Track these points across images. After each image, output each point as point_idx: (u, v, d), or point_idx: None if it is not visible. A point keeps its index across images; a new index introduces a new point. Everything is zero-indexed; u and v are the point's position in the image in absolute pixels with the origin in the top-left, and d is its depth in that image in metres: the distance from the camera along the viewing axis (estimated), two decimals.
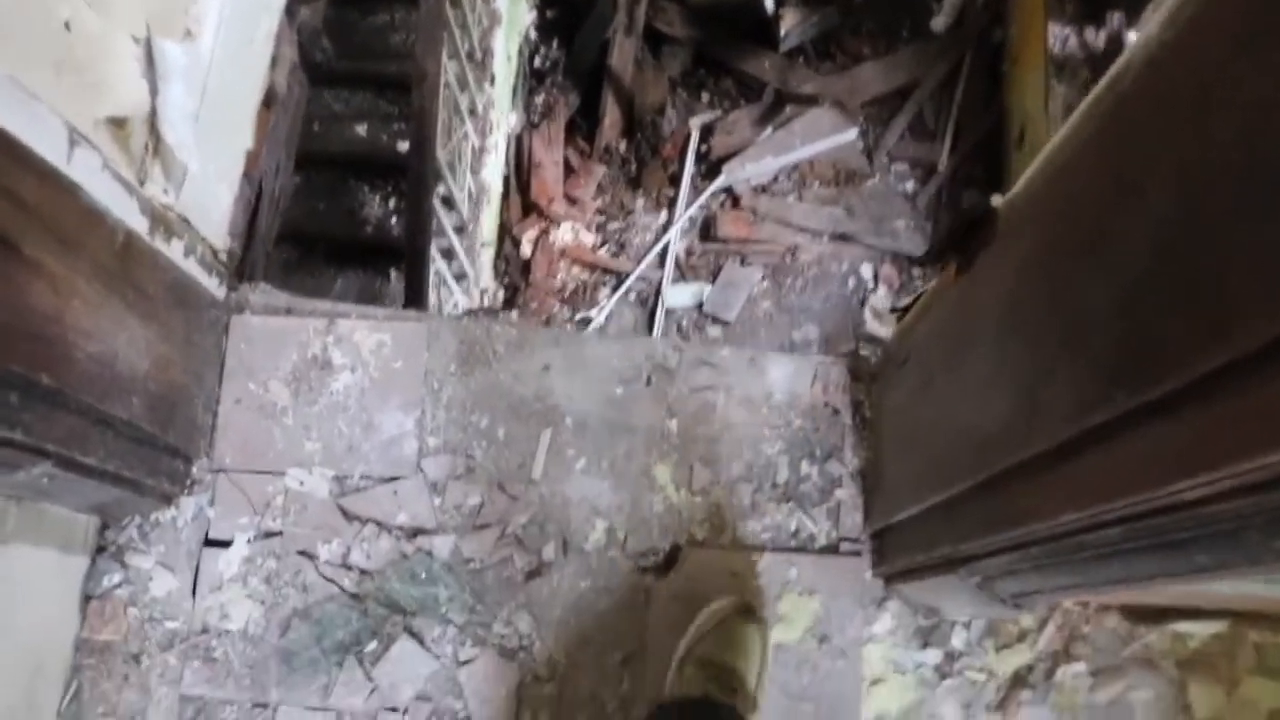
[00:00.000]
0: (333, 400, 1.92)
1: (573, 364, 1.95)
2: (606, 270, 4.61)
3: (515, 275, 4.54)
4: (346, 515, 1.87)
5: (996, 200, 1.43)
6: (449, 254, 3.71)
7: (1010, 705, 1.82)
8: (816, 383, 1.97)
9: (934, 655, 1.85)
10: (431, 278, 3.32)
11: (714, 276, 4.58)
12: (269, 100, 2.23)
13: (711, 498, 1.90)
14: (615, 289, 4.55)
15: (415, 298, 3.08)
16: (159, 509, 1.86)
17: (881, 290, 4.54)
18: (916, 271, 4.59)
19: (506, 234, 4.55)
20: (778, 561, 1.87)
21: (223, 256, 1.98)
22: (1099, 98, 1.12)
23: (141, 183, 1.74)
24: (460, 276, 3.91)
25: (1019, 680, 1.84)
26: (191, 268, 1.83)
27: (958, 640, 1.85)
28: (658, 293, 4.53)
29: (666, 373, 1.96)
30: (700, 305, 4.53)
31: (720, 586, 1.84)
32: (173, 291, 1.77)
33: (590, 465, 1.91)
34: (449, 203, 3.68)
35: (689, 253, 4.61)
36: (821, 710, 1.82)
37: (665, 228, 4.63)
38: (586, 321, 4.45)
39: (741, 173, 4.63)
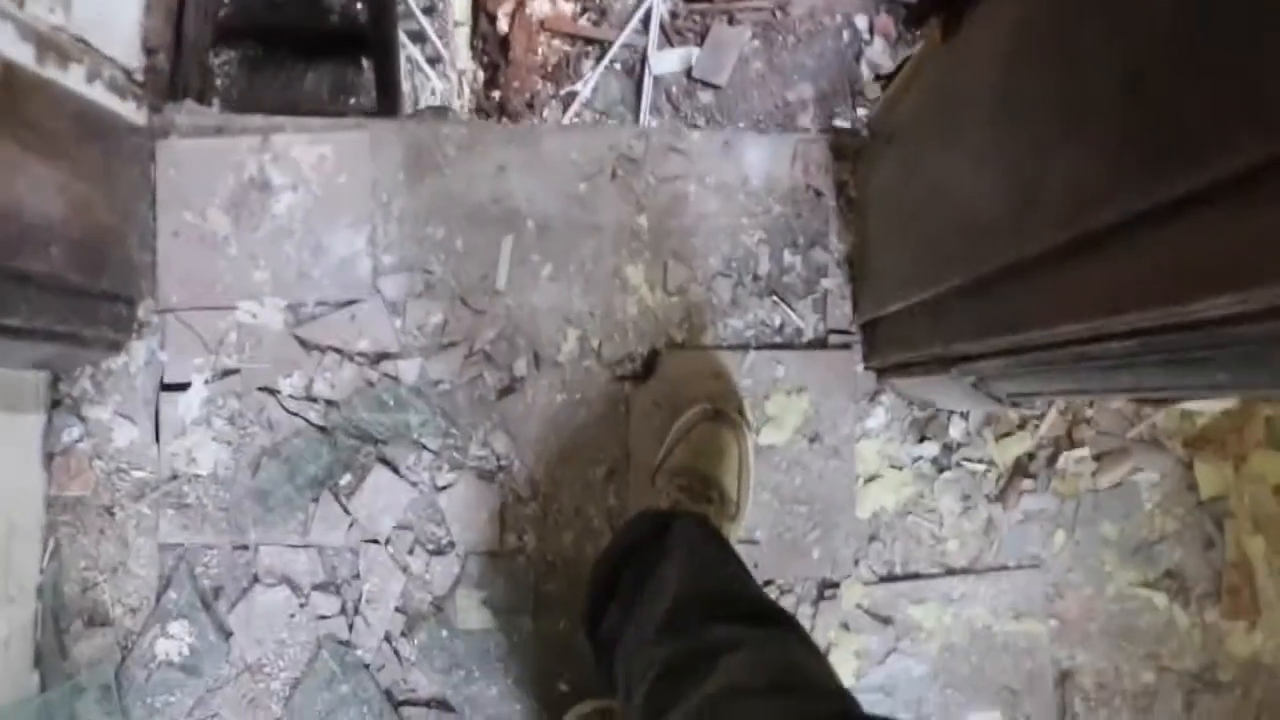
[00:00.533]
0: (276, 224, 1.76)
1: (530, 162, 1.77)
2: (589, 40, 4.31)
3: (494, 53, 4.26)
4: (305, 345, 1.75)
5: None
6: (420, 37, 3.46)
7: (1011, 494, 1.72)
8: (796, 163, 1.78)
9: (931, 448, 1.74)
10: (404, 65, 3.09)
11: (701, 39, 4.28)
12: None
13: (689, 296, 1.76)
14: (599, 59, 4.27)
15: (388, 88, 2.87)
16: (109, 357, 1.74)
17: (878, 43, 4.23)
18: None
19: (481, 10, 4.25)
20: (762, 359, 1.74)
21: (137, 76, 1.78)
22: None
23: (21, 4, 1.54)
24: (434, 60, 3.66)
25: (1020, 468, 1.73)
26: (98, 94, 1.64)
27: (955, 431, 1.73)
28: (644, 60, 4.25)
29: (632, 164, 1.77)
30: (689, 70, 4.25)
31: (702, 389, 1.72)
32: (79, 123, 1.59)
33: (557, 271, 1.76)
34: None
35: (673, 15, 4.29)
36: (815, 511, 1.73)
37: None
38: (572, 96, 4.20)
39: None
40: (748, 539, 1.71)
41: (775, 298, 1.76)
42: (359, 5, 3.69)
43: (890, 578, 1.74)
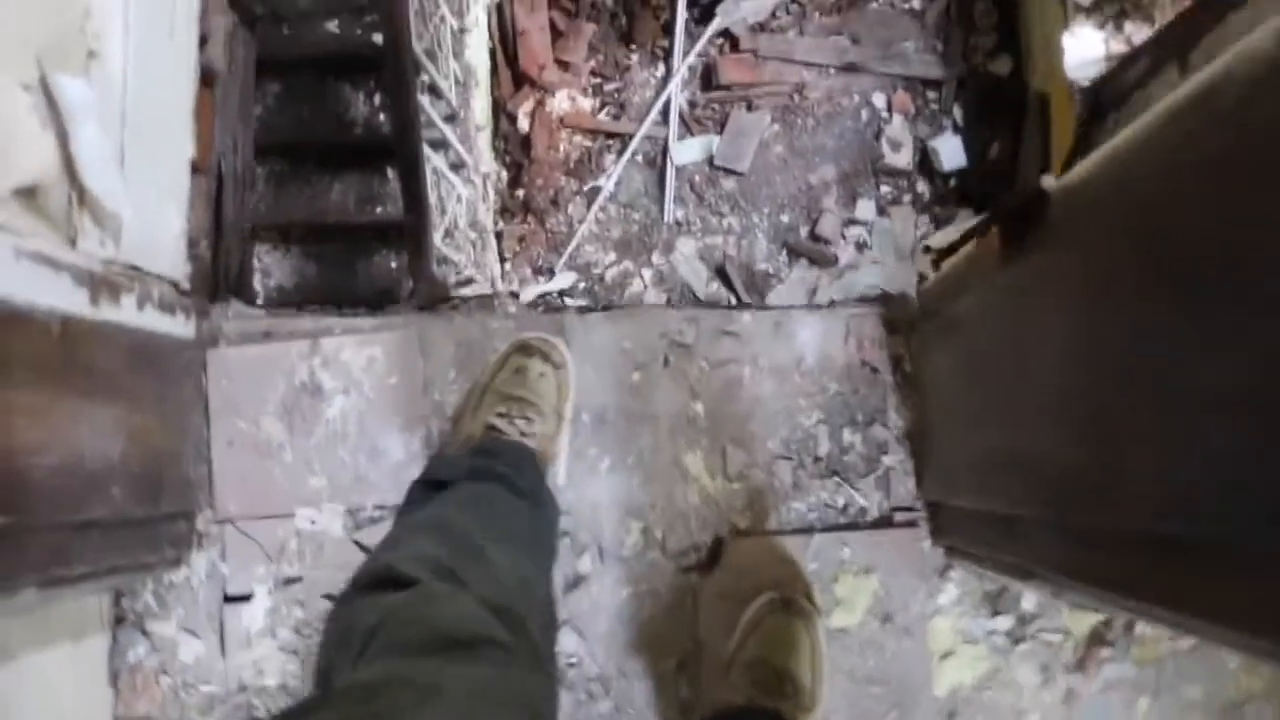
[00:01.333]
0: (330, 429, 1.73)
1: (581, 353, 1.73)
2: (609, 135, 4.27)
3: (516, 153, 4.24)
4: (365, 550, 1.71)
5: (1049, 183, 1.17)
6: (442, 145, 3.44)
7: (1090, 663, 1.67)
8: (850, 339, 1.74)
9: (1005, 621, 1.69)
10: (429, 175, 3.06)
11: (721, 127, 4.23)
12: (208, 80, 1.96)
13: (750, 482, 1.71)
14: (620, 153, 4.24)
15: (414, 196, 2.81)
16: (170, 571, 1.70)
17: (896, 120, 4.19)
18: (931, 95, 4.23)
19: (501, 111, 4.23)
20: (829, 542, 1.70)
21: (184, 286, 1.76)
22: (1185, 112, 0.86)
23: (73, 243, 1.51)
24: (458, 166, 3.64)
25: (1097, 637, 1.68)
26: (149, 319, 1.61)
27: (1029, 603, 1.68)
28: (665, 151, 4.21)
29: (684, 349, 1.74)
30: (710, 159, 4.21)
31: (769, 576, 1.68)
32: (133, 355, 1.56)
33: (616, 463, 1.72)
34: (435, 91, 3.38)
35: (692, 105, 4.26)
36: (891, 691, 1.68)
37: (664, 82, 4.26)
38: (595, 191, 4.18)
39: (737, 12, 4.21)
40: None
41: (837, 478, 1.71)
42: (382, 116, 3.68)
43: None
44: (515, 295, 4.14)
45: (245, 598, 1.71)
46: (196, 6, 1.84)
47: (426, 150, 2.97)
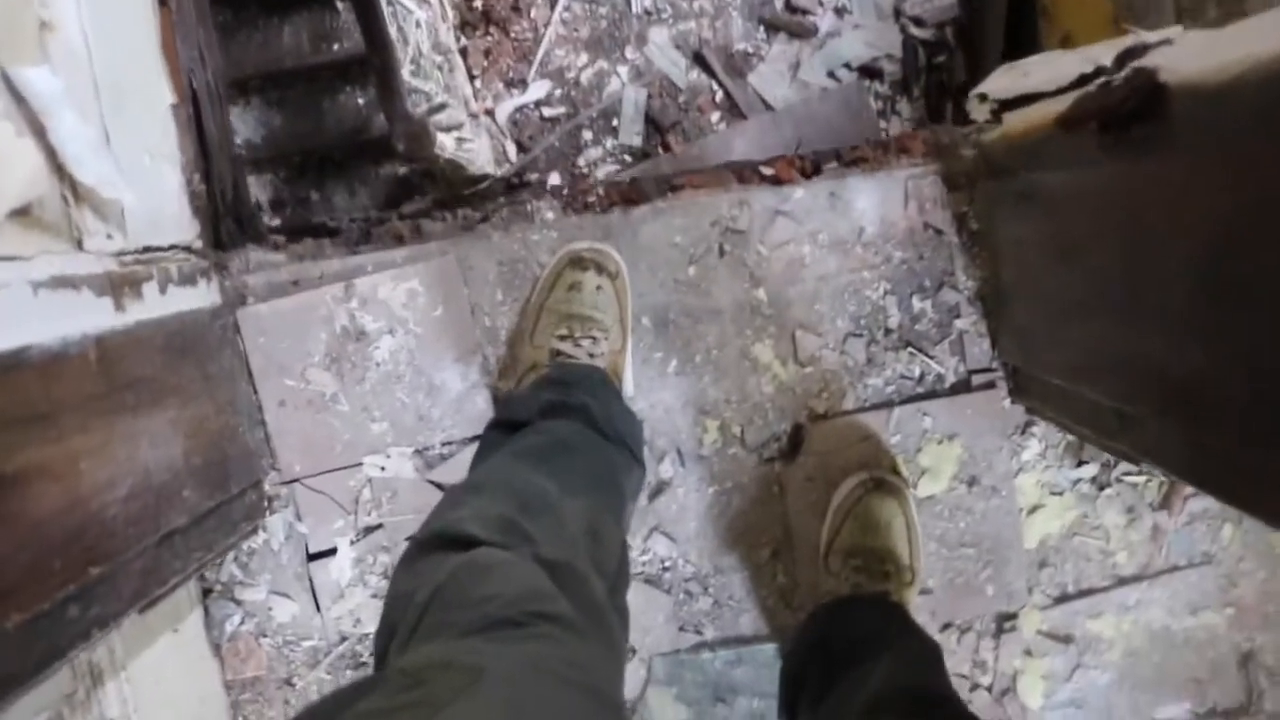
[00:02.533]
0: (382, 371, 1.62)
1: (631, 256, 1.61)
2: None
3: None
4: (441, 489, 1.64)
5: (1168, 76, 1.04)
6: None
7: (1175, 500, 1.67)
8: (910, 203, 1.62)
9: (1089, 469, 1.67)
10: (384, 7, 2.81)
11: None
12: None
13: (823, 364, 1.64)
14: None
15: (375, 41, 2.56)
16: (249, 540, 1.64)
17: None
18: None
19: None
20: (909, 414, 1.64)
21: (196, 245, 1.60)
22: None
23: (79, 244, 1.35)
24: None
25: None
26: (175, 301, 1.46)
27: None
28: None
29: (738, 235, 1.62)
30: None
31: (853, 455, 1.63)
32: (169, 348, 1.42)
33: (683, 364, 1.63)
34: None
35: None
36: (984, 551, 1.68)
37: None
38: None
39: None
40: (922, 589, 1.66)
41: (911, 349, 1.64)
42: None
43: (1065, 598, 1.71)
44: (490, 113, 3.91)
45: (329, 553, 1.65)
46: None
47: None
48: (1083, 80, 1.28)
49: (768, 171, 1.75)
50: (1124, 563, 1.69)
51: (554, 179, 3.87)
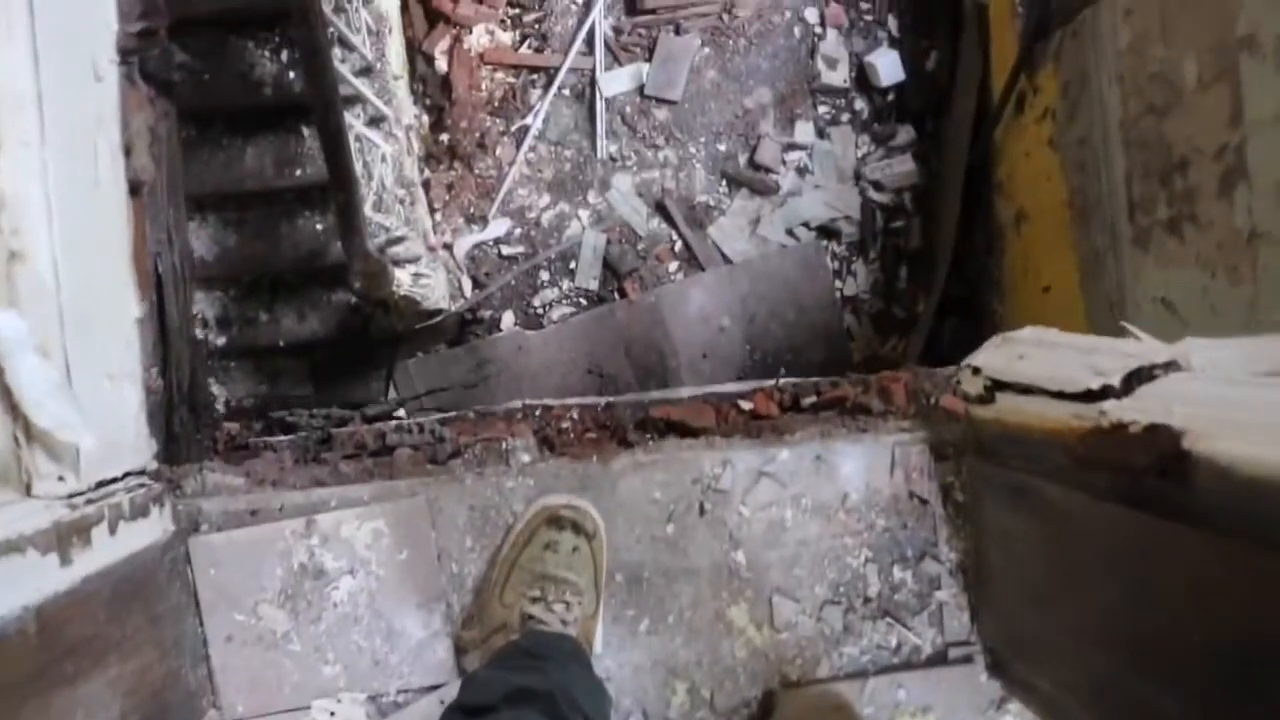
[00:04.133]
0: (340, 613, 1.52)
1: (608, 509, 1.53)
2: (533, 69, 3.92)
3: (436, 95, 3.87)
4: None
5: (1190, 439, 0.99)
6: (355, 100, 3.09)
7: None
8: (896, 470, 1.57)
9: None
10: (352, 144, 2.73)
11: (649, 53, 3.92)
12: (135, 188, 1.63)
13: (798, 630, 1.56)
14: (546, 88, 3.90)
15: (340, 179, 2.49)
16: None
17: (831, 35, 3.94)
18: (865, 5, 3.94)
19: (417, 53, 3.82)
20: (883, 685, 1.57)
21: (152, 468, 1.49)
22: None
23: (28, 489, 1.25)
24: (378, 120, 3.30)
25: None
26: (125, 542, 1.35)
27: None
28: (593, 83, 3.89)
29: (720, 495, 1.55)
30: (641, 88, 3.91)
31: None
32: (115, 597, 1.31)
33: (655, 623, 1.55)
34: (346, 45, 3.03)
35: (618, 31, 3.91)
36: None
37: (586, 8, 3.89)
38: (524, 130, 3.85)
39: None
40: None
41: (889, 618, 1.57)
42: (291, 75, 3.27)
43: None
44: (449, 248, 3.84)
45: None
46: (117, 137, 1.50)
47: (348, 119, 2.64)
48: (1089, 395, 1.24)
49: (745, 405, 1.69)
50: None
51: (508, 318, 3.81)
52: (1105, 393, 1.22)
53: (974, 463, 1.54)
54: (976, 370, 1.50)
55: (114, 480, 1.39)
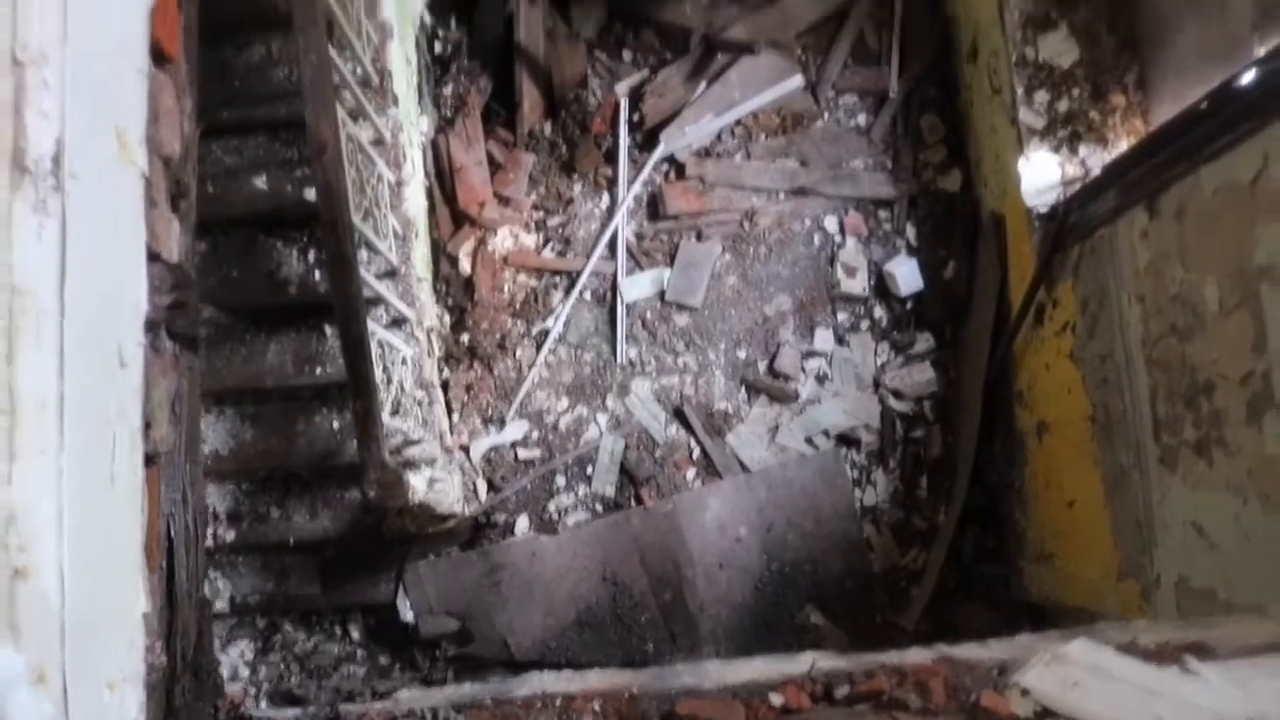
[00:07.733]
0: None
1: None
2: (555, 272, 3.96)
3: (459, 296, 3.89)
4: None
5: None
6: (380, 302, 3.09)
7: None
8: None
9: None
10: (373, 349, 2.70)
11: (671, 259, 3.95)
12: (152, 460, 1.59)
13: None
14: (568, 291, 3.92)
15: (360, 387, 2.46)
16: None
17: (850, 243, 3.96)
18: (883, 215, 3.99)
19: (441, 253, 3.86)
20: None
21: None
22: None
23: None
24: (399, 321, 3.30)
25: None
26: None
27: None
28: (614, 287, 3.91)
29: None
30: (662, 293, 3.93)
31: None
32: None
33: None
34: (373, 249, 3.04)
35: (640, 237, 3.95)
36: None
37: (610, 213, 3.95)
38: (545, 333, 3.86)
39: (681, 138, 3.92)
40: None
41: None
42: (317, 275, 3.30)
43: None
44: (465, 449, 3.80)
45: None
46: (138, 420, 1.48)
47: (370, 324, 2.63)
48: None
49: (777, 700, 1.60)
50: None
51: (522, 522, 3.74)
52: None
53: None
54: (1025, 692, 1.41)
55: None
